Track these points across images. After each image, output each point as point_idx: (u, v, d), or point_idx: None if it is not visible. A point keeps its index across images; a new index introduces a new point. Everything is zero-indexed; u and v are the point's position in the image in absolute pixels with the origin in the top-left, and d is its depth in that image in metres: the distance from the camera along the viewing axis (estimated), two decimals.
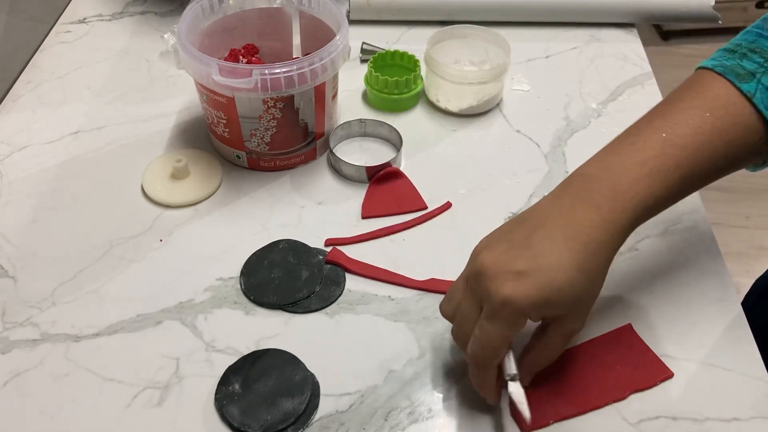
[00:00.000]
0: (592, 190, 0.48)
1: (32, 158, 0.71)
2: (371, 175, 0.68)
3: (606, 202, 0.47)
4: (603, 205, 0.47)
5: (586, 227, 0.46)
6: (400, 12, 0.88)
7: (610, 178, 0.48)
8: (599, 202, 0.47)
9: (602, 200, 0.47)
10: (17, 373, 0.54)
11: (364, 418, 0.51)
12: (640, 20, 0.89)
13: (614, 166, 0.48)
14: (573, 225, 0.46)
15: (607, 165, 0.49)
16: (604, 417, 0.51)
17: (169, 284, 0.60)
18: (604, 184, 0.47)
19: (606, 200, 0.47)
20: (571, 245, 0.46)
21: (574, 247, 0.46)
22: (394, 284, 0.60)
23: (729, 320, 0.57)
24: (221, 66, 0.60)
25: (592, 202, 0.47)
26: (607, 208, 0.47)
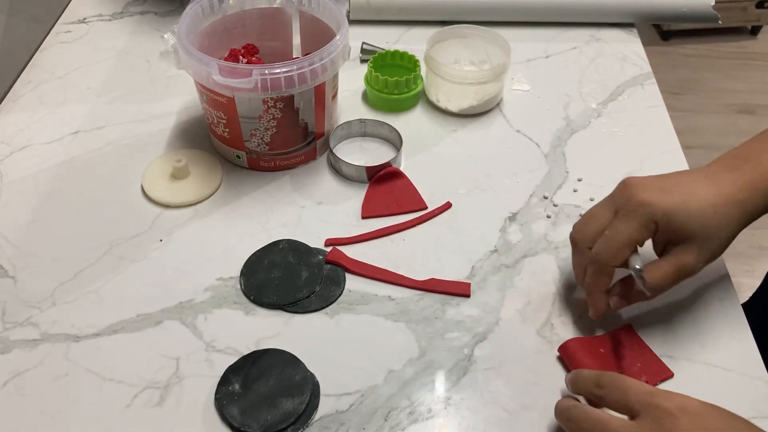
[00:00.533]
0: (737, 160, 0.53)
1: (32, 158, 0.71)
2: (371, 175, 0.68)
3: (748, 168, 0.52)
4: (746, 170, 0.52)
5: (726, 183, 0.51)
6: (400, 12, 0.88)
7: (755, 156, 0.53)
8: (742, 168, 0.52)
9: (745, 166, 0.52)
10: (17, 373, 0.54)
11: (364, 418, 0.51)
12: (640, 20, 0.89)
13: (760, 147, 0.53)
14: (715, 179, 0.52)
15: (754, 146, 0.54)
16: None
17: (169, 284, 0.60)
18: (750, 157, 0.53)
19: (748, 167, 0.52)
20: (711, 190, 0.51)
21: (712, 191, 0.51)
22: (394, 284, 0.60)
23: (729, 320, 0.57)
24: (221, 66, 0.60)
25: (735, 168, 0.52)
26: (749, 172, 0.52)
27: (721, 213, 0.50)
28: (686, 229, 0.50)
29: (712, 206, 0.50)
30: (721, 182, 0.51)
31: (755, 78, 2.26)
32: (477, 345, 0.56)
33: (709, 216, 0.50)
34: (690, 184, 0.52)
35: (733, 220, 0.51)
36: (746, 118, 2.12)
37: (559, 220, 0.66)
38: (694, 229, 0.50)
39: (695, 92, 2.20)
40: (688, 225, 0.50)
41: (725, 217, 0.50)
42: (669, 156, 0.72)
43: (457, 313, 0.58)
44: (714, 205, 0.50)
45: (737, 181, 0.51)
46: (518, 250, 0.63)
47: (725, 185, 0.51)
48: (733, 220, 0.51)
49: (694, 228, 0.50)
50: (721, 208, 0.50)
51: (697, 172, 0.53)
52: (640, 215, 0.51)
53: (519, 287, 0.60)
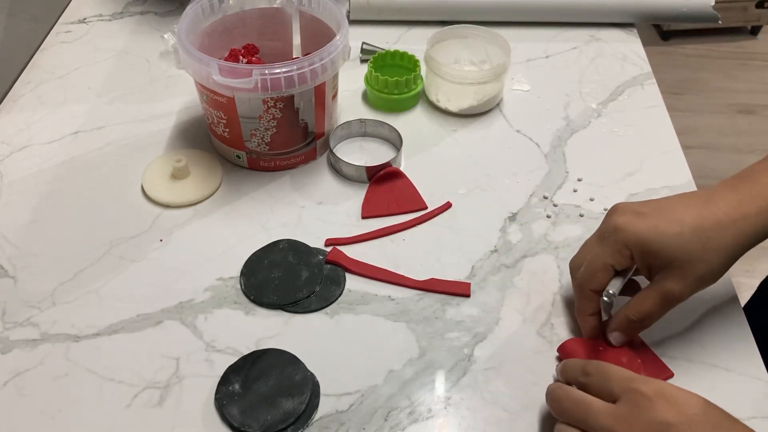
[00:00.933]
0: (736, 183, 0.51)
1: (32, 158, 0.71)
2: (371, 175, 0.68)
3: (747, 189, 0.50)
4: (744, 190, 0.50)
5: (720, 203, 0.49)
6: (400, 12, 0.88)
7: (759, 175, 0.51)
8: (744, 190, 0.50)
9: (744, 187, 0.50)
10: (17, 373, 0.54)
11: (364, 418, 0.51)
12: (640, 20, 0.89)
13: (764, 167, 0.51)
14: (710, 201, 0.50)
15: (757, 167, 0.52)
16: None
17: (169, 284, 0.60)
18: (752, 178, 0.51)
19: (748, 188, 0.50)
20: (699, 211, 0.49)
21: (701, 213, 0.49)
22: (394, 284, 0.60)
23: (729, 320, 0.57)
24: (221, 66, 0.60)
25: (738, 188, 0.50)
26: (747, 193, 0.49)
27: (708, 236, 0.48)
28: (663, 255, 0.49)
29: (695, 229, 0.48)
30: (713, 204, 0.49)
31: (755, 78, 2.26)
32: (477, 345, 0.56)
33: (690, 240, 0.48)
34: (674, 207, 0.50)
35: (726, 243, 0.48)
36: (746, 118, 2.12)
37: (559, 220, 0.66)
38: (673, 254, 0.48)
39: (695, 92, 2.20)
40: (664, 250, 0.48)
41: (713, 241, 0.48)
42: (669, 156, 0.72)
43: (457, 313, 0.58)
44: (697, 228, 0.48)
45: (732, 201, 0.49)
46: (518, 250, 0.63)
47: (718, 207, 0.49)
48: (725, 243, 0.48)
49: (672, 253, 0.48)
50: (708, 231, 0.48)
51: (693, 195, 0.51)
52: (613, 241, 0.50)
53: (519, 287, 0.60)
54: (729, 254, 0.49)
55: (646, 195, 0.68)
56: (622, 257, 0.50)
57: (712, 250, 0.48)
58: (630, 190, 0.68)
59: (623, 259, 0.51)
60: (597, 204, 0.67)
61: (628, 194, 0.68)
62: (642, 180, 0.69)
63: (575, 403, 0.46)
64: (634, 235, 0.49)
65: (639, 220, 0.50)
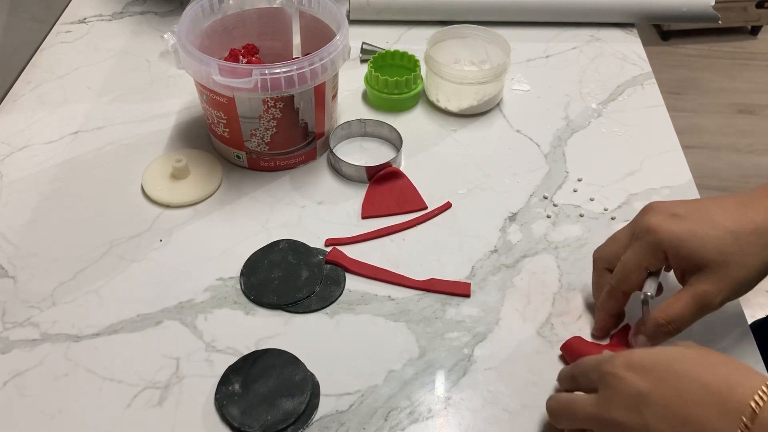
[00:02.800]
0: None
1: (32, 158, 0.71)
2: (371, 175, 0.68)
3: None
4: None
5: (760, 208, 0.48)
6: (400, 12, 0.88)
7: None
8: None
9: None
10: (17, 373, 0.54)
11: (364, 418, 0.51)
12: (640, 20, 0.89)
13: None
14: (748, 206, 0.48)
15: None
16: None
17: (169, 284, 0.60)
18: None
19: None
20: (736, 215, 0.48)
21: (739, 218, 0.48)
22: (394, 284, 0.60)
23: (729, 320, 0.57)
24: (221, 66, 0.60)
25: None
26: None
27: (747, 241, 0.47)
28: (698, 257, 0.48)
29: (733, 233, 0.47)
30: (752, 209, 0.48)
31: (755, 78, 2.26)
32: (477, 345, 0.56)
33: (728, 242, 0.47)
34: (711, 210, 0.49)
35: (764, 248, 0.47)
36: (746, 118, 2.12)
37: (559, 220, 0.66)
38: (708, 257, 0.47)
39: (695, 92, 2.20)
40: (699, 252, 0.47)
41: (750, 246, 0.47)
42: (669, 156, 0.72)
43: (457, 313, 0.58)
44: (735, 233, 0.47)
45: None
46: (518, 250, 0.63)
47: (756, 212, 0.48)
48: (763, 249, 0.47)
49: (707, 255, 0.47)
50: (746, 235, 0.47)
51: (730, 198, 0.50)
52: (647, 242, 0.49)
53: (519, 287, 0.60)
54: (766, 261, 0.48)
55: (645, 195, 0.68)
56: (656, 259, 0.50)
57: (751, 255, 0.47)
58: (630, 190, 0.68)
59: (657, 261, 0.50)
60: (597, 204, 0.67)
61: (628, 194, 0.68)
62: (642, 180, 0.69)
63: (563, 406, 0.47)
64: (670, 236, 0.48)
65: (674, 221, 0.49)
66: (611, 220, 0.65)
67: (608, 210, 0.66)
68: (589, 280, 0.58)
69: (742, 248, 0.47)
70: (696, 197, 0.67)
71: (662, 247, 0.49)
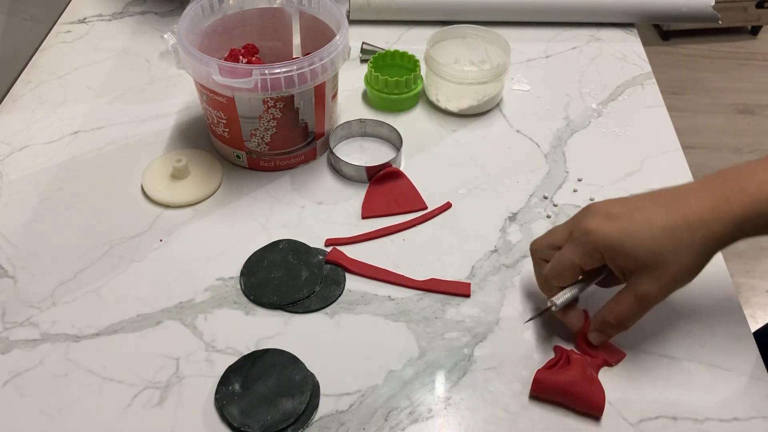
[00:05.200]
0: (717, 181, 0.50)
1: (32, 158, 0.71)
2: (371, 175, 0.68)
3: (722, 190, 0.48)
4: (719, 192, 0.48)
5: (693, 204, 0.48)
6: (400, 12, 0.88)
7: (738, 176, 0.49)
8: (716, 190, 0.49)
9: (720, 188, 0.49)
10: (17, 373, 0.54)
11: (364, 418, 0.51)
12: (640, 20, 0.89)
13: (751, 168, 0.50)
14: (683, 200, 0.49)
15: (742, 167, 0.50)
16: (604, 416, 0.51)
17: (169, 284, 0.60)
18: (730, 178, 0.49)
19: (723, 189, 0.48)
20: (670, 211, 0.48)
21: (672, 214, 0.48)
22: (394, 284, 0.60)
23: (729, 320, 0.57)
24: (221, 66, 0.60)
25: (711, 189, 0.49)
26: (721, 195, 0.48)
27: (678, 237, 0.48)
28: (634, 257, 0.49)
29: (666, 230, 0.48)
30: (686, 202, 0.49)
31: (755, 78, 2.26)
32: (477, 345, 0.56)
33: (661, 241, 0.48)
34: (646, 208, 0.49)
35: (695, 242, 0.48)
36: (746, 118, 2.12)
37: (559, 220, 0.66)
38: (644, 257, 0.48)
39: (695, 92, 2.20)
40: (634, 253, 0.48)
41: (683, 241, 0.48)
42: (669, 156, 0.72)
43: (457, 313, 0.58)
44: (668, 229, 0.48)
45: (705, 201, 0.48)
46: (518, 250, 0.63)
47: (690, 205, 0.48)
48: (694, 243, 0.48)
49: (642, 255, 0.48)
50: (679, 231, 0.48)
51: (662, 194, 0.51)
52: (583, 243, 0.50)
53: (519, 287, 0.60)
54: (700, 254, 0.48)
55: None
56: (592, 260, 0.51)
57: (686, 250, 0.48)
58: (630, 190, 0.68)
59: (593, 262, 0.51)
60: None
61: (628, 194, 0.67)
62: (642, 180, 0.69)
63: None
64: (605, 239, 0.49)
65: (609, 222, 0.49)
66: None
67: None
68: None
69: (675, 245, 0.48)
70: None
71: (598, 250, 0.50)
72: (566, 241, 0.52)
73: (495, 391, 0.53)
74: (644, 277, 0.49)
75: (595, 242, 0.50)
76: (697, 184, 0.51)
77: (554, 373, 0.52)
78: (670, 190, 0.51)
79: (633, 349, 0.55)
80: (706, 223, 0.48)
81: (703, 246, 0.48)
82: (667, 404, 0.52)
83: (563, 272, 0.52)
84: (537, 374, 0.52)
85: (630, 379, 0.54)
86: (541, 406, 0.52)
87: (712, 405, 0.52)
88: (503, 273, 0.61)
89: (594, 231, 0.50)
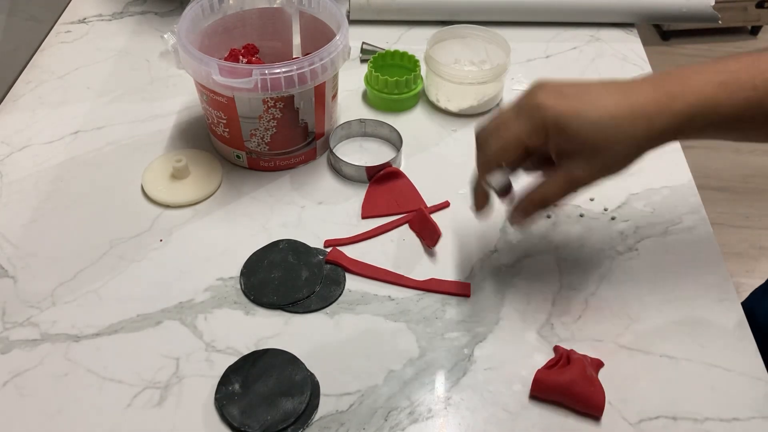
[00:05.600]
0: (662, 78, 0.49)
1: (32, 158, 0.71)
2: (371, 175, 0.68)
3: (668, 87, 0.48)
4: (665, 88, 0.48)
5: (639, 97, 0.48)
6: (400, 12, 0.88)
7: (685, 75, 0.49)
8: (663, 87, 0.49)
9: (666, 86, 0.49)
10: (17, 373, 0.54)
11: (364, 418, 0.51)
12: (640, 20, 0.89)
13: (694, 69, 0.49)
14: (629, 91, 0.49)
15: (688, 69, 0.50)
16: (604, 416, 0.51)
17: (169, 284, 0.60)
18: (676, 76, 0.49)
19: (668, 85, 0.48)
20: (618, 99, 0.48)
21: (620, 102, 0.48)
22: (394, 284, 0.60)
23: (729, 320, 0.57)
24: (221, 66, 0.60)
25: (657, 84, 0.49)
26: (667, 92, 0.48)
27: (620, 125, 0.47)
28: (578, 139, 0.48)
29: (612, 117, 0.47)
30: (633, 93, 0.48)
31: None
32: (477, 345, 0.56)
33: (605, 127, 0.47)
34: (597, 92, 0.49)
35: (636, 135, 0.48)
36: None
37: (559, 220, 0.66)
38: (585, 139, 0.48)
39: None
40: (580, 135, 0.48)
41: (623, 131, 0.47)
42: (669, 156, 0.72)
43: (457, 313, 0.58)
44: (614, 117, 0.47)
45: (651, 93, 0.48)
46: (518, 250, 0.63)
47: (636, 97, 0.48)
48: (635, 134, 0.48)
49: (585, 137, 0.48)
50: (622, 120, 0.47)
51: (613, 83, 0.50)
52: (532, 117, 0.49)
53: (519, 287, 0.60)
54: (637, 147, 0.49)
55: (645, 195, 0.68)
56: (538, 136, 0.49)
57: (624, 144, 0.48)
58: (630, 189, 0.68)
59: (538, 138, 0.49)
60: (597, 204, 0.67)
61: (629, 194, 0.68)
62: (642, 180, 0.69)
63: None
64: (555, 115, 0.48)
65: (561, 100, 0.48)
66: (611, 220, 0.65)
67: (608, 210, 0.66)
68: (590, 279, 0.58)
69: (617, 134, 0.48)
70: (696, 197, 0.67)
71: (546, 125, 0.49)
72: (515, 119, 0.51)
73: (495, 391, 0.53)
74: (579, 160, 0.49)
75: (544, 117, 0.48)
76: (646, 79, 0.50)
77: (554, 373, 0.52)
78: (621, 81, 0.50)
79: (633, 349, 0.55)
80: (649, 116, 0.48)
81: (643, 139, 0.48)
82: (667, 404, 0.52)
83: (508, 149, 0.50)
84: (537, 374, 0.52)
85: (630, 379, 0.54)
86: (541, 406, 0.52)
87: (712, 405, 0.52)
88: (503, 273, 0.61)
89: (545, 106, 0.48)
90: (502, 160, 0.52)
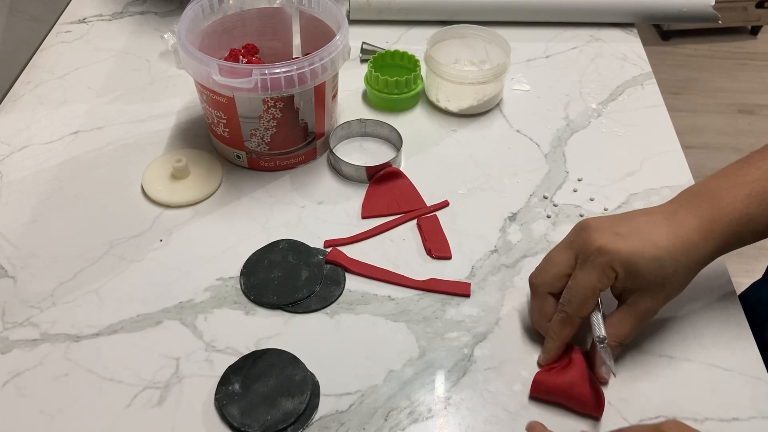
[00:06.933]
0: (695, 202, 0.52)
1: (32, 158, 0.71)
2: (371, 175, 0.68)
3: (705, 213, 0.51)
4: (702, 214, 0.51)
5: (685, 227, 0.51)
6: (400, 12, 0.88)
7: (713, 195, 0.52)
8: (700, 212, 0.51)
9: (702, 211, 0.51)
10: (17, 373, 0.54)
11: (364, 418, 0.51)
12: (640, 20, 0.89)
13: (718, 185, 0.53)
14: (674, 222, 0.51)
15: (713, 185, 0.53)
16: (605, 417, 0.51)
17: (169, 284, 0.60)
18: (707, 198, 0.52)
19: (705, 211, 0.51)
20: (668, 233, 0.50)
21: (671, 236, 0.50)
22: (394, 284, 0.60)
23: (729, 320, 0.57)
24: (221, 66, 0.60)
25: (694, 211, 0.51)
26: (705, 218, 0.51)
27: (677, 258, 0.50)
28: (644, 277, 0.50)
29: (669, 252, 0.50)
30: (678, 225, 0.51)
31: (755, 78, 2.26)
32: (477, 345, 0.56)
33: (666, 262, 0.50)
34: (646, 227, 0.51)
35: (690, 264, 0.50)
36: (746, 118, 2.12)
37: (559, 220, 0.66)
38: (652, 277, 0.50)
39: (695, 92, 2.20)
40: (645, 272, 0.50)
41: (681, 262, 0.50)
42: (669, 156, 0.72)
43: (457, 313, 0.58)
44: (671, 251, 0.50)
45: (694, 222, 0.51)
46: (518, 250, 0.63)
47: (682, 228, 0.50)
48: (689, 264, 0.50)
49: (651, 275, 0.50)
50: (678, 253, 0.50)
51: (656, 213, 0.52)
52: (599, 264, 0.50)
53: (519, 287, 0.60)
54: (692, 273, 0.51)
55: (645, 195, 0.68)
56: (609, 279, 0.50)
57: (682, 274, 0.51)
58: (630, 190, 0.68)
59: (609, 281, 0.51)
60: (597, 204, 0.67)
61: (628, 194, 0.68)
62: (642, 180, 0.69)
63: None
64: (621, 257, 0.49)
65: (620, 241, 0.50)
66: None
67: (608, 210, 0.66)
68: None
69: (675, 268, 0.50)
70: None
71: (614, 268, 0.50)
72: (574, 266, 0.52)
73: (495, 391, 0.53)
74: (647, 295, 0.51)
75: (612, 261, 0.50)
76: (683, 204, 0.53)
77: (554, 374, 0.52)
78: (661, 210, 0.53)
79: (633, 349, 0.55)
80: (697, 245, 0.50)
81: (696, 265, 0.51)
82: (667, 404, 0.52)
83: (586, 300, 0.51)
84: (537, 375, 0.52)
85: (630, 379, 0.54)
86: (541, 406, 0.52)
87: (712, 405, 0.52)
88: (503, 273, 0.61)
89: (608, 250, 0.50)
90: (583, 314, 0.52)
